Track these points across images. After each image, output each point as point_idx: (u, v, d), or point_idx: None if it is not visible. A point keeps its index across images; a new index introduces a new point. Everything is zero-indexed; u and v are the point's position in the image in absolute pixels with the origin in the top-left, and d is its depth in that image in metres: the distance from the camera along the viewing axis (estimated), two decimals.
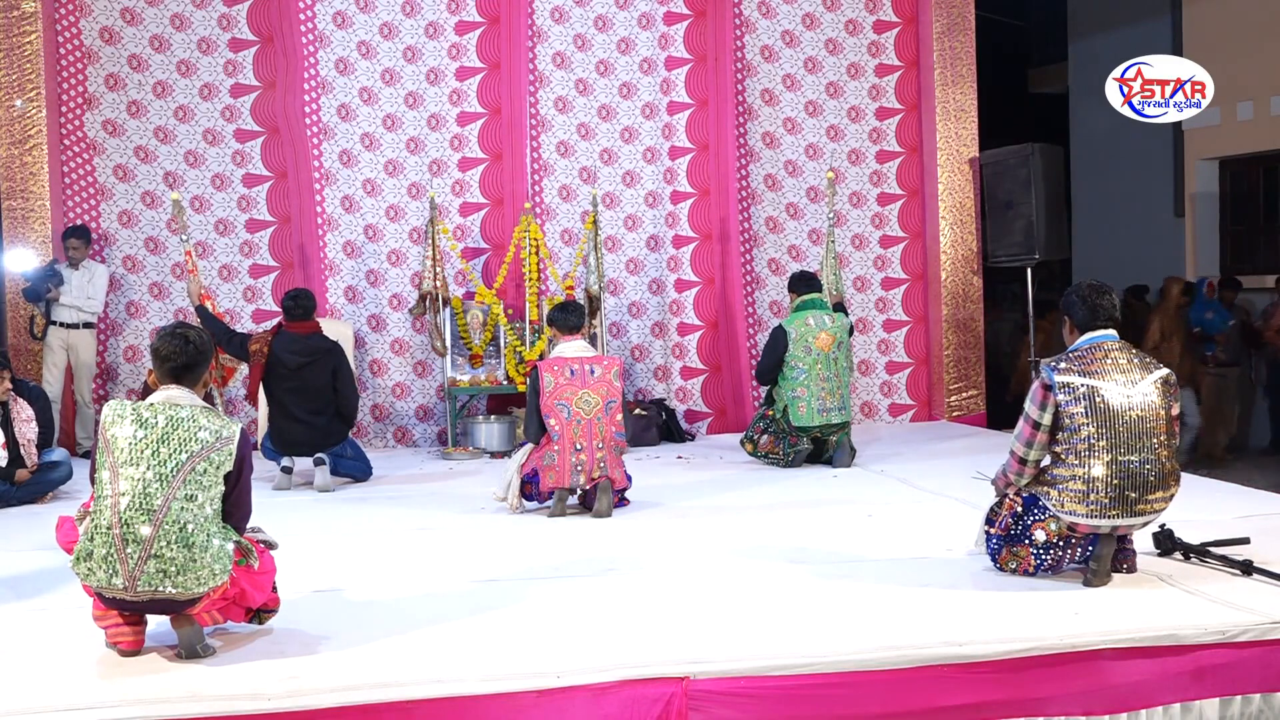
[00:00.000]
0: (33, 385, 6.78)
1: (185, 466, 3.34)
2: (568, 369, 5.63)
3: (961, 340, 9.27)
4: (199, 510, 3.34)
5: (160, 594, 3.30)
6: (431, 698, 3.14)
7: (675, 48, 8.94)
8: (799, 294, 7.20)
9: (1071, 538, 4.06)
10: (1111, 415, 3.92)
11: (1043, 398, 4.01)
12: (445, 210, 8.57)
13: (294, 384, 6.61)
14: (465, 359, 8.41)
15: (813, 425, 6.89)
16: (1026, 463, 4.10)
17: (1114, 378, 3.97)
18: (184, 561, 3.29)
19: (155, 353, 3.58)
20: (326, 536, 5.32)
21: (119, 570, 3.28)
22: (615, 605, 3.97)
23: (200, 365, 3.58)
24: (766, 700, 3.25)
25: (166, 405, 3.45)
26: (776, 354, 6.96)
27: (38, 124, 7.95)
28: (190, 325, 3.70)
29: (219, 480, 3.41)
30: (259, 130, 8.48)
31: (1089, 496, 3.93)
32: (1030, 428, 4.06)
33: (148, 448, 3.34)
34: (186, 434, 3.39)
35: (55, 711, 3.02)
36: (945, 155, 9.21)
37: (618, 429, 5.67)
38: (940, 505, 5.76)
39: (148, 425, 3.38)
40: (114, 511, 3.30)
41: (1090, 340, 4.09)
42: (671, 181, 8.94)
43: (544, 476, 5.60)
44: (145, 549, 3.27)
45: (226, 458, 3.42)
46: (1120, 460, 3.91)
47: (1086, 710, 3.44)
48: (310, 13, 8.41)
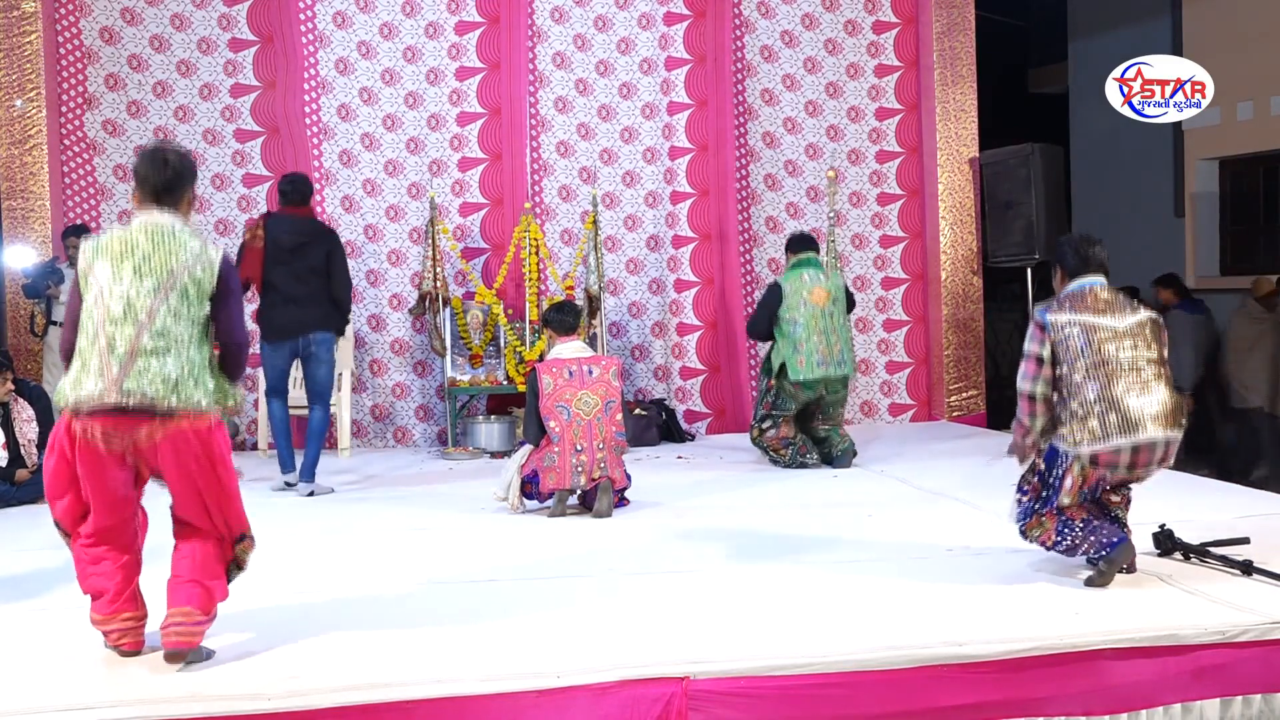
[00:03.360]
0: (33, 385, 6.77)
1: (169, 280, 3.32)
2: (566, 370, 5.63)
3: (961, 340, 9.27)
4: (185, 325, 3.33)
5: (147, 398, 3.25)
6: (431, 698, 3.14)
7: (675, 48, 8.94)
8: (795, 253, 7.17)
9: (1099, 488, 4.13)
10: (1106, 346, 4.03)
11: (1040, 336, 4.12)
12: (445, 210, 8.57)
13: (288, 265, 6.34)
14: (465, 359, 8.41)
15: (813, 379, 6.82)
16: (1035, 398, 4.15)
17: (1104, 313, 4.09)
18: (171, 367, 3.28)
19: (135, 173, 3.51)
20: (326, 536, 5.32)
21: (104, 374, 3.25)
22: (615, 605, 3.98)
23: (181, 186, 3.49)
24: (766, 700, 3.25)
25: (147, 226, 3.41)
26: (770, 308, 6.94)
27: (38, 124, 7.94)
28: (170, 145, 3.61)
29: (203, 299, 3.38)
30: (259, 130, 8.48)
31: (1098, 420, 3.98)
32: (1034, 364, 4.14)
33: (132, 264, 3.32)
34: (169, 250, 3.35)
35: (55, 711, 3.02)
36: (945, 155, 9.21)
37: (618, 429, 5.67)
38: (940, 505, 5.76)
39: (130, 246, 3.35)
40: (101, 325, 3.28)
41: (1080, 285, 4.19)
42: (671, 181, 8.94)
43: (544, 478, 5.59)
44: (131, 347, 3.25)
45: (209, 276, 3.39)
46: (1122, 384, 3.99)
47: (1086, 710, 3.44)
48: (310, 13, 8.41)
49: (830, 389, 6.94)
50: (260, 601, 3.95)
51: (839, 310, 7.02)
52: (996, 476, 6.36)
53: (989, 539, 4.87)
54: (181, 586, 3.39)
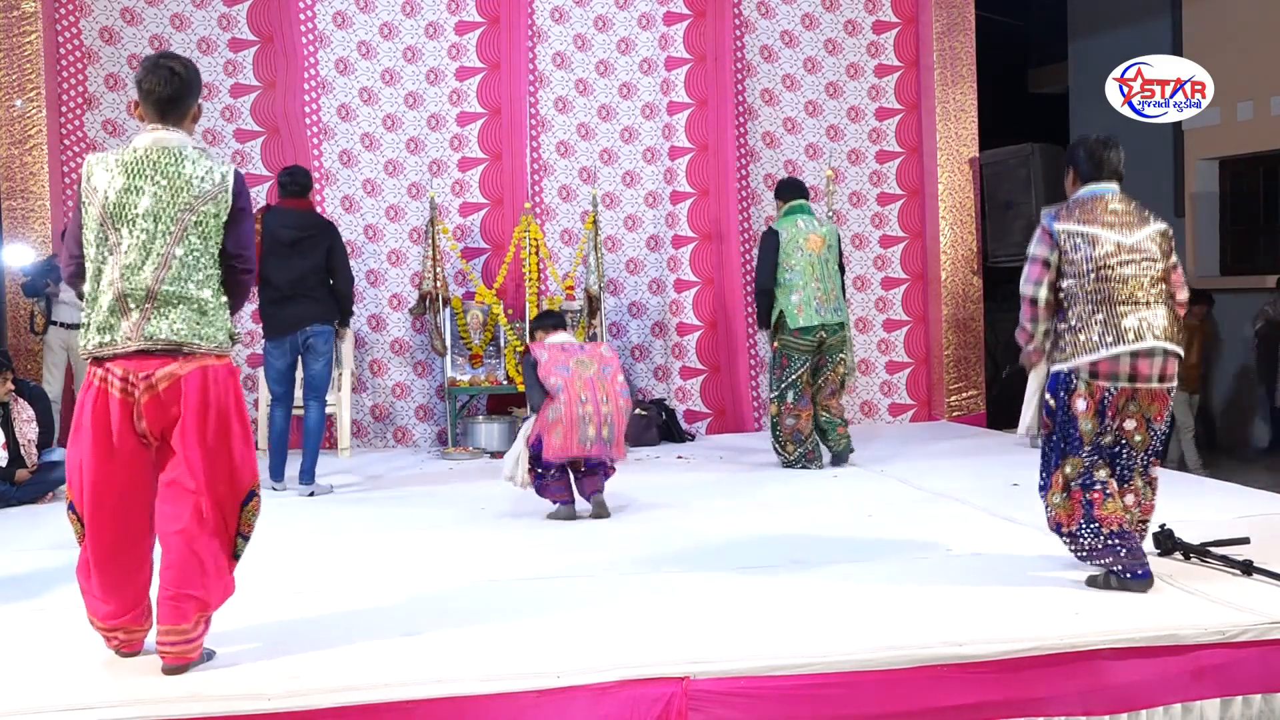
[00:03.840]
0: (33, 385, 6.78)
1: (182, 216, 3.22)
2: (559, 348, 5.58)
3: (961, 340, 9.27)
4: (203, 262, 3.26)
5: (172, 343, 3.20)
6: (431, 698, 3.13)
7: (675, 48, 8.94)
8: (786, 200, 7.17)
9: (1115, 422, 3.97)
10: (1110, 261, 3.94)
11: (1047, 241, 4.03)
12: (445, 210, 8.57)
13: (287, 260, 6.28)
14: (465, 359, 8.42)
15: (813, 325, 6.82)
16: (1037, 302, 4.06)
17: (1112, 226, 4.00)
18: (192, 308, 3.22)
19: (138, 86, 3.32)
20: (326, 536, 5.32)
21: (122, 321, 3.19)
22: (615, 605, 3.97)
23: (188, 97, 3.34)
24: (766, 700, 3.25)
25: (155, 149, 3.27)
26: (772, 256, 6.93)
27: (38, 124, 7.95)
28: (174, 55, 3.44)
29: (219, 229, 3.29)
30: (259, 130, 8.48)
31: (1096, 333, 3.92)
32: (1038, 267, 4.04)
33: (144, 202, 3.21)
34: (184, 180, 3.24)
35: (55, 711, 3.02)
36: (945, 155, 9.21)
37: (622, 387, 5.56)
38: (940, 505, 5.76)
39: (140, 175, 3.22)
40: (115, 268, 3.20)
41: (1091, 192, 4.10)
42: (671, 181, 8.94)
43: (549, 437, 5.35)
44: (151, 291, 3.18)
45: (224, 206, 3.28)
46: (1122, 301, 3.92)
47: (1086, 710, 3.43)
48: (310, 13, 8.42)
49: (830, 331, 6.93)
50: (260, 601, 3.95)
51: (833, 257, 7.03)
52: (996, 477, 6.39)
53: (989, 539, 4.87)
54: (171, 604, 3.25)
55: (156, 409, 3.24)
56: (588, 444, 5.39)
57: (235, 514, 3.37)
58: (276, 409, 6.55)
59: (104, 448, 3.25)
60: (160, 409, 3.24)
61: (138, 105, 3.37)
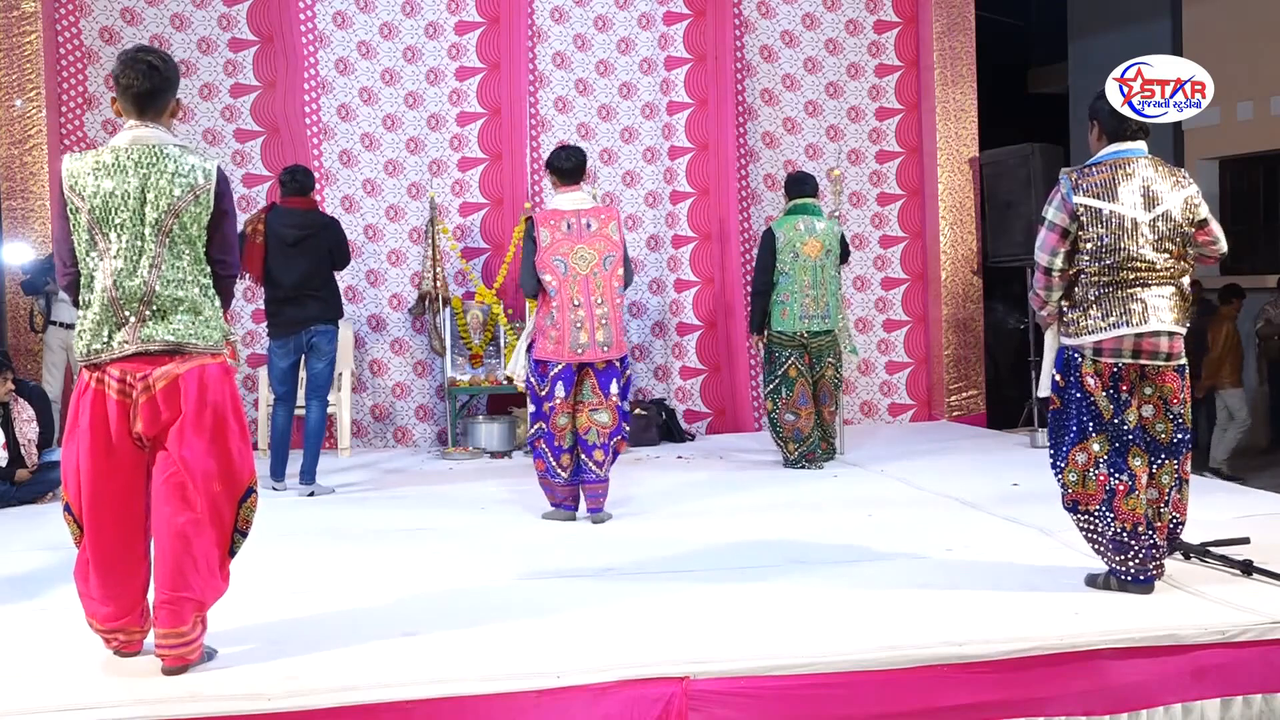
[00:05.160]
0: (33, 385, 6.78)
1: (167, 218, 3.21)
2: (564, 223, 5.44)
3: (961, 340, 9.27)
4: (190, 261, 3.27)
5: (169, 344, 3.21)
6: (431, 698, 3.14)
7: (675, 48, 8.94)
8: (792, 196, 7.16)
9: (1126, 396, 3.90)
10: (1124, 240, 3.85)
11: (1066, 208, 3.93)
12: (445, 210, 8.57)
13: (290, 259, 6.31)
14: (465, 359, 8.42)
15: (794, 331, 6.83)
16: (1051, 271, 3.98)
17: (1133, 200, 3.88)
18: (185, 310, 3.24)
19: (115, 81, 3.28)
20: (326, 536, 5.32)
21: (118, 328, 3.20)
22: (615, 605, 3.97)
23: (166, 91, 3.31)
24: (766, 700, 3.25)
25: (135, 148, 3.25)
26: (767, 258, 6.92)
27: (38, 124, 7.94)
28: (152, 48, 3.39)
29: (203, 228, 3.28)
30: (259, 130, 8.48)
31: (1100, 311, 3.87)
32: (1057, 236, 3.94)
33: (125, 201, 3.19)
34: (168, 180, 3.22)
35: (55, 711, 3.02)
36: (945, 155, 9.21)
37: (619, 283, 5.48)
38: (940, 505, 5.76)
39: (120, 177, 3.20)
40: (107, 274, 3.20)
41: (1116, 153, 3.99)
42: (671, 181, 8.94)
43: (543, 341, 5.34)
44: (145, 295, 3.19)
45: (205, 208, 3.27)
46: (1133, 279, 3.86)
47: (1086, 710, 3.43)
48: (310, 13, 8.41)
49: (811, 338, 6.92)
50: (260, 601, 3.96)
51: (831, 262, 6.99)
52: (996, 477, 6.39)
53: (988, 539, 4.87)
54: (168, 608, 3.24)
55: (153, 410, 3.24)
56: (580, 350, 5.36)
57: (233, 511, 3.37)
58: (278, 408, 6.55)
59: (102, 449, 3.25)
60: (157, 410, 3.24)
61: (115, 100, 3.35)
